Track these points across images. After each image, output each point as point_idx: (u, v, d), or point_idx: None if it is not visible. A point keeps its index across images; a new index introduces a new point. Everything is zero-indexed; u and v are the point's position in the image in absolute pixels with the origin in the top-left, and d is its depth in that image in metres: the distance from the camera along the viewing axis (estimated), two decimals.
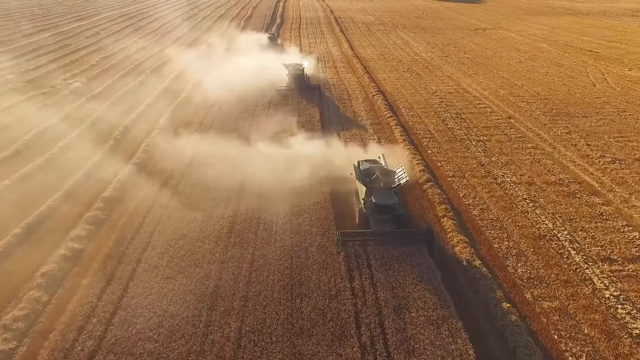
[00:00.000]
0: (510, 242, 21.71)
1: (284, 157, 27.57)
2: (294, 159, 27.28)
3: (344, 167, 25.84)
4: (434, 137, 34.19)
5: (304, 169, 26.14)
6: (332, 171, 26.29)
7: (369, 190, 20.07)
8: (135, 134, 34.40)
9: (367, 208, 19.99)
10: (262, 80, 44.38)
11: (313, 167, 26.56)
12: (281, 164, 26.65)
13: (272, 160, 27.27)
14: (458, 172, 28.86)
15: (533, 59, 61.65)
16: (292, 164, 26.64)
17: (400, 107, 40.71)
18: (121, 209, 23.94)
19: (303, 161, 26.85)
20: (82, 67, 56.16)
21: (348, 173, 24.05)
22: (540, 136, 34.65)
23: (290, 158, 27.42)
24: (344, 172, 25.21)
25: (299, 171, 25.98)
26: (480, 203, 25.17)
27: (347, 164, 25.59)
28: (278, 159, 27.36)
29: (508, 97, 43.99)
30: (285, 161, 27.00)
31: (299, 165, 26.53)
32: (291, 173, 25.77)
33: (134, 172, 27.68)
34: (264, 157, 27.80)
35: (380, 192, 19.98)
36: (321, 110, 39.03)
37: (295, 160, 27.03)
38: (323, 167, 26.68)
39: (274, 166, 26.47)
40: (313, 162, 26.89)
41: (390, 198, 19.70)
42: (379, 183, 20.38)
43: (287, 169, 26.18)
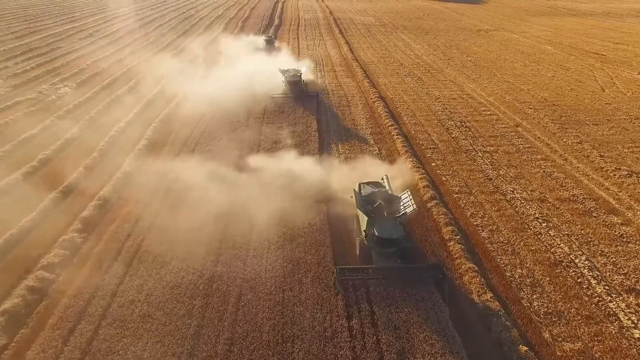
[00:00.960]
0: (523, 270, 19.82)
1: (277, 175, 25.58)
2: (288, 177, 25.33)
3: (342, 187, 23.98)
4: (437, 148, 32.29)
5: (299, 189, 24.25)
6: (330, 191, 24.36)
7: (371, 220, 17.94)
8: (103, 168, 28.90)
9: (369, 240, 17.90)
10: (257, 86, 42.28)
11: (309, 186, 24.66)
12: (274, 183, 24.74)
13: (263, 180, 25.22)
14: (464, 187, 26.96)
15: (538, 62, 59.77)
16: (285, 183, 24.73)
17: (401, 115, 38.80)
18: (100, 231, 22.06)
19: (298, 180, 24.93)
20: (72, 71, 54.32)
21: (345, 192, 22.19)
22: (550, 146, 32.77)
23: (283, 176, 25.45)
24: (342, 193, 23.34)
25: (294, 191, 24.09)
26: (490, 223, 23.28)
27: (346, 182, 23.78)
28: (270, 178, 25.38)
29: (514, 103, 42.10)
30: (278, 180, 25.05)
31: (293, 184, 24.62)
32: (285, 193, 23.87)
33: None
34: (254, 179, 25.62)
35: (384, 223, 17.85)
36: (319, 119, 37.10)
37: (290, 179, 25.10)
38: (320, 186, 24.78)
39: (266, 186, 24.53)
40: (309, 180, 24.97)
41: (395, 230, 17.62)
42: (382, 212, 18.27)
43: (281, 188, 24.28)
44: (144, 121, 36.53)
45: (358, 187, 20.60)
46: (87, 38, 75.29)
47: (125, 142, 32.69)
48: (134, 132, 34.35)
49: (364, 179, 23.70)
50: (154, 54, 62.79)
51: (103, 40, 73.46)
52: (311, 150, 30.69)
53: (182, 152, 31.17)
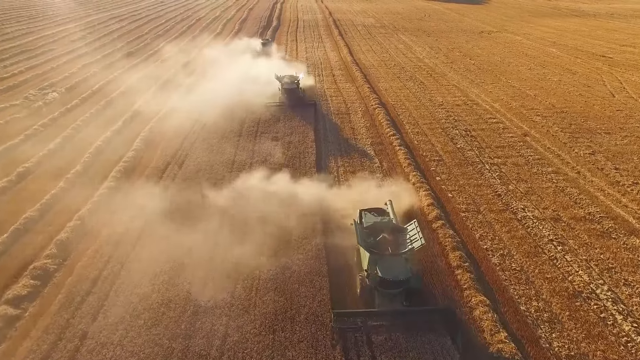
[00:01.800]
0: (539, 303, 17.96)
1: (269, 197, 23.66)
2: (281, 198, 23.41)
3: (341, 208, 22.17)
4: (442, 160, 30.44)
5: (293, 212, 22.37)
6: (328, 213, 22.45)
7: (374, 257, 15.79)
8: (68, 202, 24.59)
9: (371, 280, 15.84)
10: (252, 94, 40.20)
11: (305, 208, 22.76)
12: (266, 204, 22.84)
13: (254, 202, 23.24)
14: (472, 205, 25.10)
15: (543, 65, 57.92)
16: (279, 205, 22.83)
17: (403, 123, 36.94)
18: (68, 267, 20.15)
19: (293, 201, 23.04)
20: (63, 75, 52.48)
21: (345, 216, 20.33)
22: (561, 158, 30.93)
23: (276, 197, 23.52)
24: (341, 216, 21.51)
25: (288, 214, 22.21)
26: (500, 247, 21.42)
27: (345, 203, 22.01)
28: (262, 198, 23.45)
29: (521, 110, 40.24)
30: (271, 202, 23.13)
31: (287, 205, 22.74)
32: (278, 216, 21.97)
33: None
34: (244, 200, 23.55)
35: (388, 262, 15.71)
36: (316, 128, 35.22)
37: (283, 200, 23.20)
38: (317, 209, 22.87)
39: (257, 208, 22.62)
40: (305, 202, 23.05)
41: (401, 270, 15.50)
42: (386, 247, 16.22)
43: (273, 210, 22.39)
44: (126, 137, 33.35)
45: (359, 216, 18.61)
46: (80, 41, 73.39)
47: (100, 167, 28.82)
48: (112, 152, 30.84)
49: (365, 199, 21.92)
50: (147, 57, 60.90)
51: (96, 42, 71.58)
52: (308, 163, 28.81)
53: (163, 180, 27.11)
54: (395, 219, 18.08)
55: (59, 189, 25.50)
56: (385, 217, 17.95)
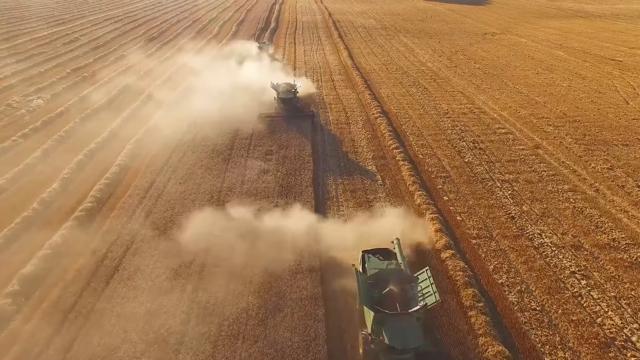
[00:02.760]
0: (566, 353, 15.73)
1: (260, 226, 21.37)
2: (274, 227, 21.11)
3: (340, 238, 19.93)
4: (449, 177, 28.18)
5: (286, 243, 20.12)
6: (326, 246, 20.16)
7: (379, 318, 13.19)
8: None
9: (376, 344, 13.37)
10: (247, 104, 37.72)
11: (299, 239, 20.51)
12: (256, 236, 20.57)
13: (244, 233, 20.94)
14: (483, 229, 22.86)
15: (551, 69, 55.68)
16: (270, 235, 20.57)
17: (407, 134, 34.68)
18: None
19: (285, 231, 20.74)
20: (50, 80, 50.26)
21: (343, 248, 18.11)
22: (577, 173, 28.69)
23: (268, 227, 21.22)
24: (339, 250, 19.28)
25: (280, 247, 19.95)
26: (517, 282, 19.19)
27: (345, 234, 19.75)
28: (252, 228, 21.17)
29: (531, 119, 38.00)
30: (261, 233, 20.85)
31: (280, 236, 20.46)
32: (270, 250, 19.72)
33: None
34: (234, 231, 21.01)
35: (397, 323, 13.11)
36: (314, 140, 32.91)
37: (276, 230, 20.90)
38: (313, 240, 20.61)
39: (246, 241, 20.36)
40: (299, 232, 20.77)
41: (411, 334, 12.93)
42: (393, 302, 13.58)
43: (265, 243, 20.15)
44: (97, 167, 29.25)
45: (360, 259, 16.25)
46: (72, 43, 71.18)
47: (64, 202, 24.93)
48: (81, 183, 27.01)
49: (367, 227, 19.70)
50: (139, 61, 58.61)
51: (88, 45, 69.35)
52: (304, 182, 26.50)
53: (134, 220, 22.95)
54: (404, 264, 15.70)
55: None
56: (392, 262, 15.57)
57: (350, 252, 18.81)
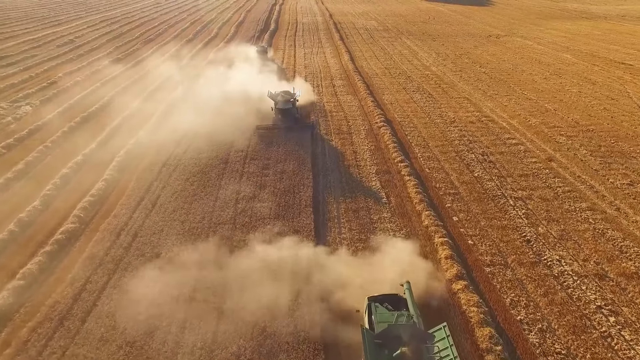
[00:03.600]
0: None
1: (254, 258, 19.56)
2: (270, 260, 19.27)
3: (342, 269, 18.09)
4: (458, 194, 26.33)
5: (282, 274, 18.31)
6: (327, 283, 18.29)
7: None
8: None
9: None
10: (242, 114, 35.72)
11: (298, 276, 18.64)
12: (250, 268, 18.75)
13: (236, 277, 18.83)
14: (497, 255, 21.02)
15: (559, 73, 53.80)
16: (265, 268, 18.75)
17: (412, 145, 32.83)
18: None
19: (282, 265, 18.89)
20: (41, 84, 48.56)
21: (347, 285, 16.29)
22: (595, 189, 26.84)
23: (267, 259, 19.38)
24: (342, 288, 17.45)
25: (278, 284, 18.13)
26: (538, 318, 17.35)
27: (349, 268, 17.90)
28: (246, 260, 19.36)
29: (542, 128, 36.15)
30: (254, 264, 19.02)
31: (276, 275, 18.60)
32: (262, 284, 17.89)
33: None
34: (230, 270, 19.07)
35: None
36: (314, 153, 31.02)
37: (273, 261, 19.08)
38: (313, 271, 18.77)
39: (240, 276, 18.53)
40: (299, 266, 18.94)
41: None
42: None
43: (258, 275, 18.32)
44: (88, 176, 27.79)
45: (366, 308, 14.30)
46: (66, 45, 69.44)
47: (44, 223, 22.95)
48: (64, 201, 25.09)
49: (372, 257, 17.85)
50: (133, 65, 56.86)
51: (82, 48, 67.60)
52: (303, 201, 24.61)
53: (117, 245, 20.78)
54: (416, 315, 13.77)
55: None
56: (402, 313, 13.63)
57: (352, 290, 16.97)
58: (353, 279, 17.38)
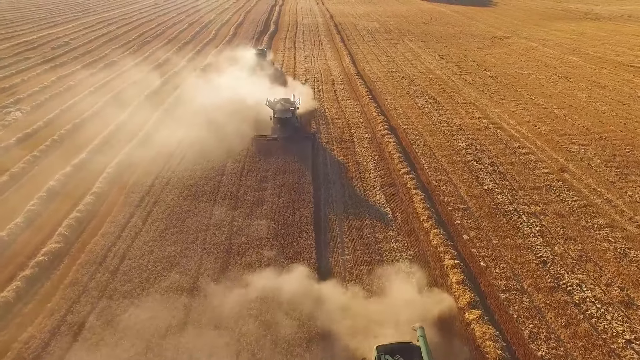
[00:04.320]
0: None
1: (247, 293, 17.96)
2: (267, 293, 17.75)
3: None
4: (468, 209, 24.82)
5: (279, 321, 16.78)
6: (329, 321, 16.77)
7: None
8: None
9: None
10: (238, 123, 33.79)
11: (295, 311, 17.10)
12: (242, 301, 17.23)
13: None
14: (512, 279, 19.51)
15: (567, 77, 52.28)
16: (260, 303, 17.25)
17: (418, 155, 31.32)
18: None
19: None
20: (32, 89, 47.02)
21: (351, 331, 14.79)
22: (612, 204, 25.34)
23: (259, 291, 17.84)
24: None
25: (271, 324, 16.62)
26: (561, 354, 15.84)
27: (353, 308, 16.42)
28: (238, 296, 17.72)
29: (552, 135, 34.63)
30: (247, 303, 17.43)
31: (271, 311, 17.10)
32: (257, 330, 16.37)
33: None
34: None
35: None
36: (315, 164, 29.48)
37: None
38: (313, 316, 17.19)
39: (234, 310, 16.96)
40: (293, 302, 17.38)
41: None
42: None
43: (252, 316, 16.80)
44: (77, 188, 26.41)
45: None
46: (61, 47, 67.95)
47: (26, 242, 21.48)
48: (49, 217, 23.50)
49: (379, 288, 16.35)
50: (128, 69, 55.35)
51: (77, 50, 66.12)
52: (303, 218, 23.06)
53: (104, 268, 19.18)
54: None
55: None
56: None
57: (360, 338, 15.47)
58: (357, 320, 15.85)
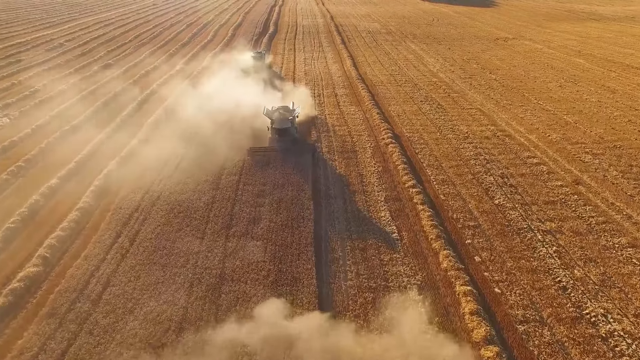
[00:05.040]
0: None
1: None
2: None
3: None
4: (479, 226, 23.21)
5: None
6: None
7: None
8: None
9: None
10: (234, 134, 31.95)
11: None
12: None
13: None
14: (530, 308, 17.90)
15: (574, 80, 50.70)
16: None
17: (424, 166, 29.70)
18: None
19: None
20: (22, 93, 45.44)
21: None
22: (633, 220, 23.76)
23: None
24: None
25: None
26: None
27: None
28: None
29: (564, 144, 33.05)
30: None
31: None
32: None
33: None
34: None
35: None
36: (315, 176, 27.81)
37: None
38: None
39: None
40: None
41: None
42: None
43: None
44: (63, 202, 24.62)
45: None
46: (55, 49, 66.32)
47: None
48: (29, 237, 21.83)
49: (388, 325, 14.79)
50: (123, 73, 53.74)
51: (71, 52, 64.49)
52: (302, 238, 21.44)
53: (82, 302, 17.46)
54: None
55: None
56: None
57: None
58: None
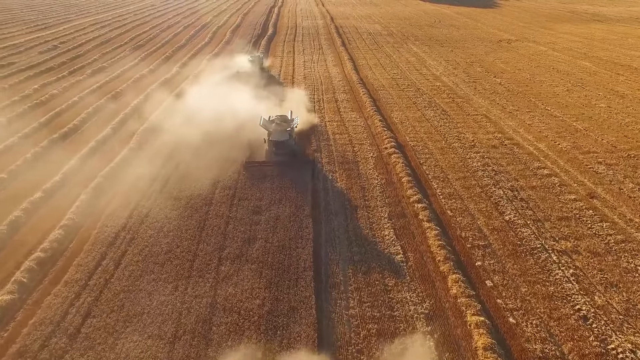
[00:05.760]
0: None
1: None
2: None
3: None
4: (489, 246, 21.72)
5: None
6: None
7: None
8: None
9: None
10: (230, 148, 30.30)
11: None
12: None
13: None
14: (549, 342, 16.40)
15: (582, 84, 49.22)
16: None
17: (429, 178, 28.18)
18: None
19: None
20: (11, 99, 43.89)
21: None
22: None
23: None
24: None
25: None
26: None
27: None
28: None
29: (575, 153, 31.56)
30: None
31: None
32: None
33: None
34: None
35: None
36: (314, 191, 26.26)
37: None
38: None
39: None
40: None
41: None
42: None
43: None
44: (45, 219, 23.28)
45: None
46: (49, 51, 64.86)
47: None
48: (6, 258, 20.44)
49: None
50: (117, 76, 52.26)
51: (65, 55, 63.00)
52: (301, 262, 19.93)
53: (58, 334, 16.02)
54: None
55: None
56: None
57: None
58: None
